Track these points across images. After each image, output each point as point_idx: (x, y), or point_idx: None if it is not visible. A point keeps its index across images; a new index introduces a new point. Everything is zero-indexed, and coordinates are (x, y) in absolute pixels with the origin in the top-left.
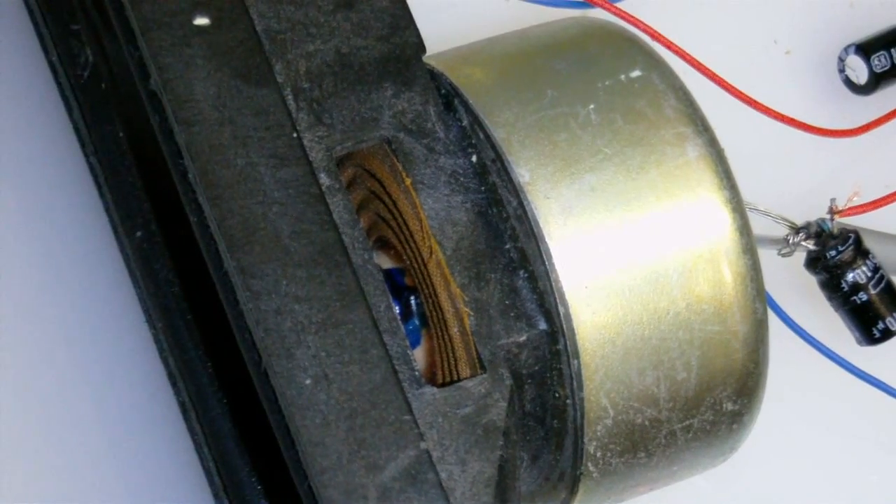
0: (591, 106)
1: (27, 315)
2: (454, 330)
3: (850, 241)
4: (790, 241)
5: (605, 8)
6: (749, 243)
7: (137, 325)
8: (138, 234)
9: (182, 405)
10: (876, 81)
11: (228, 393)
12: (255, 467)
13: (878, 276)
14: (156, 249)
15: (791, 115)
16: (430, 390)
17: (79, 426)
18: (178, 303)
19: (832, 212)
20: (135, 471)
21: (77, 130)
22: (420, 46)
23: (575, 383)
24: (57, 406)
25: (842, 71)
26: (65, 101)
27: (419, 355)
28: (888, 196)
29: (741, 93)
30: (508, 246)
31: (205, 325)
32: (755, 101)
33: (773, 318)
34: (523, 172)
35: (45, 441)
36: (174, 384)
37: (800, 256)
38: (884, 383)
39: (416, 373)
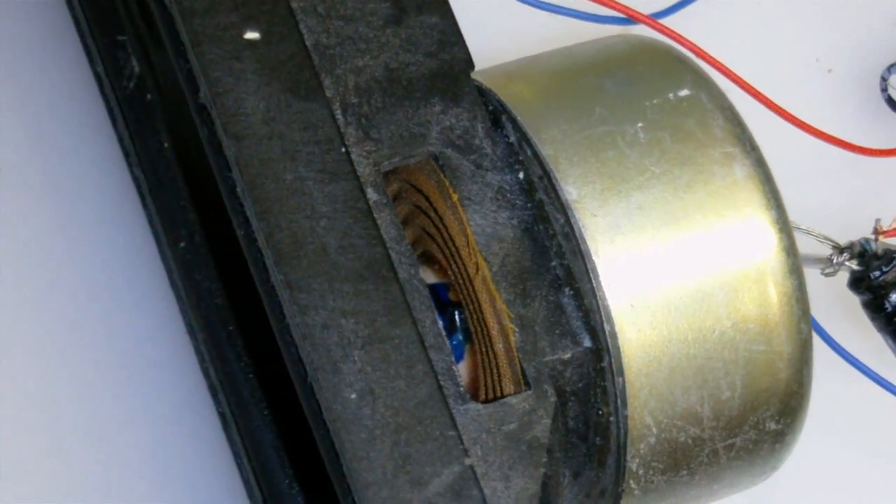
0: (639, 124)
1: (68, 325)
2: (499, 346)
3: (895, 262)
4: (833, 261)
5: (648, 24)
6: (795, 263)
7: (179, 336)
8: (181, 244)
9: (222, 416)
10: None
11: (269, 404)
12: (296, 480)
13: None
14: (199, 260)
15: (833, 134)
16: (474, 406)
17: (118, 435)
18: (220, 314)
19: (876, 232)
20: (174, 482)
21: (121, 141)
22: (468, 63)
23: (619, 401)
24: (96, 415)
25: (884, 90)
26: (109, 112)
27: (462, 371)
28: None
29: (783, 110)
30: (554, 263)
31: (246, 336)
32: (797, 119)
33: (815, 337)
34: (571, 190)
35: (84, 450)
36: (214, 395)
37: (843, 276)
38: None
39: (461, 388)
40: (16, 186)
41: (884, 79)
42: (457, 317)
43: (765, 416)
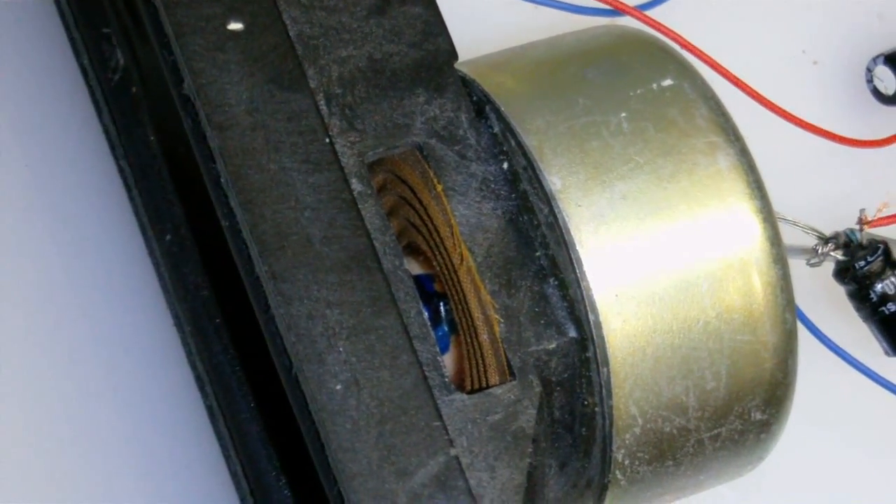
0: (623, 114)
1: (54, 319)
2: (484, 336)
3: (879, 252)
4: (819, 252)
5: (634, 16)
6: (779, 253)
7: (165, 329)
8: (168, 237)
9: (209, 409)
10: None
11: (256, 397)
12: (282, 471)
13: None
14: (185, 253)
15: (819, 125)
16: (459, 397)
17: (105, 429)
18: (207, 306)
19: (861, 222)
20: (161, 474)
21: (107, 133)
22: (452, 53)
23: (604, 391)
24: (82, 408)
25: (870, 81)
26: (95, 105)
27: (448, 361)
28: None
29: (769, 102)
30: (539, 253)
31: (233, 328)
32: (783, 111)
33: (800, 327)
34: (555, 180)
35: (71, 444)
36: (202, 388)
37: (828, 266)
38: None
39: (446, 379)
40: (0, 179)
41: (869, 70)
42: (442, 308)
43: (750, 406)
